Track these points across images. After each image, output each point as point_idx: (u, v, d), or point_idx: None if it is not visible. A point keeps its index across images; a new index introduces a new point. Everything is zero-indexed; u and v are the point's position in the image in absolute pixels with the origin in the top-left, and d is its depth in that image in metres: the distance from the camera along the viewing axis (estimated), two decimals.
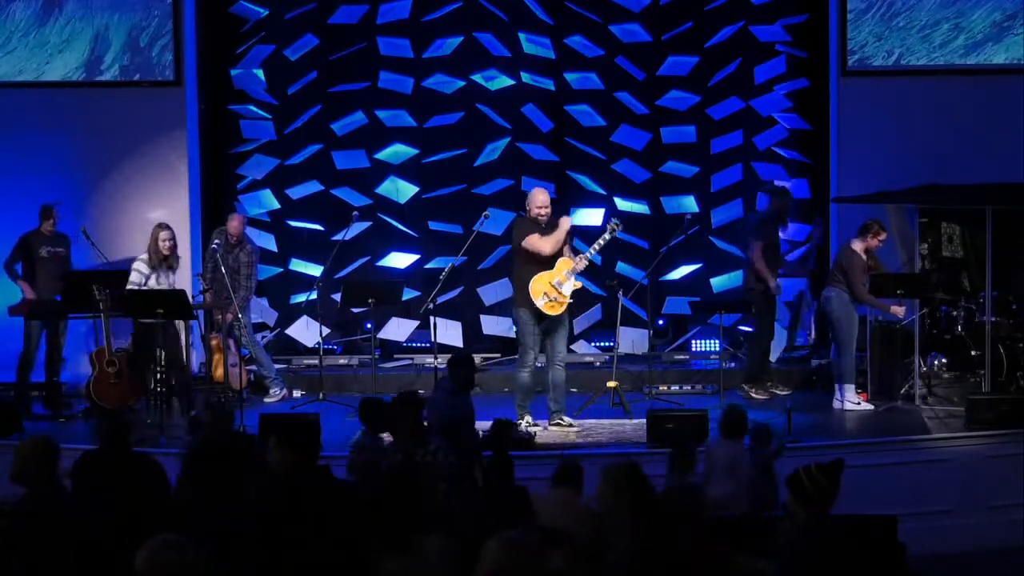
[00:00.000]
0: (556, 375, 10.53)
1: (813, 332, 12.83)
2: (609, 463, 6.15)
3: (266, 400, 11.92)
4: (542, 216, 10.44)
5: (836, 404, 11.31)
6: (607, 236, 10.70)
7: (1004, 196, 11.70)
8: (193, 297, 12.60)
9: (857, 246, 11.39)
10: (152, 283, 11.04)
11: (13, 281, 11.82)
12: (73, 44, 12.97)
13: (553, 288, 10.41)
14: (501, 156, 13.44)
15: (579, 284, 10.69)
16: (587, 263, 10.62)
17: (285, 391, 12.08)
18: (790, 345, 12.81)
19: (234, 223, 11.92)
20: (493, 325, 13.44)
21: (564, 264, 10.47)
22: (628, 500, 5.87)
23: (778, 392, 11.96)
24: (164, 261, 11.07)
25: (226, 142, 13.51)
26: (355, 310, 12.84)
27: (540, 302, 10.38)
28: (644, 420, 10.03)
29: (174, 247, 11.17)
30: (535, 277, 10.40)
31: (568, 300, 10.47)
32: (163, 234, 11.09)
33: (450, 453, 7.59)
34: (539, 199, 10.48)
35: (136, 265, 11.10)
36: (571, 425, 10.50)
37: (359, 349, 13.33)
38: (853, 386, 11.34)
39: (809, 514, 5.87)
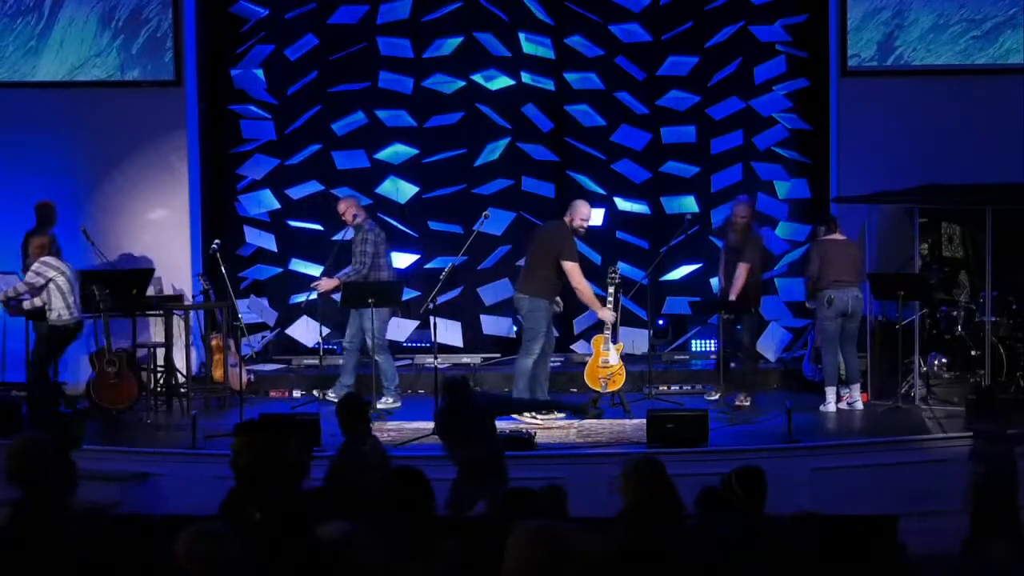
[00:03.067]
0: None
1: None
2: (631, 457, 6.17)
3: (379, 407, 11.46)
4: (583, 229, 11.09)
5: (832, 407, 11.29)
6: (611, 290, 11.29)
7: (1004, 196, 11.70)
8: (193, 297, 12.64)
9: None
10: None
11: None
12: (73, 44, 12.97)
13: (603, 368, 11.22)
14: (501, 156, 13.44)
15: (621, 346, 11.37)
16: (612, 323, 11.26)
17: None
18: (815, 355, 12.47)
19: (340, 207, 11.91)
20: (493, 325, 13.44)
21: (598, 342, 11.27)
22: (648, 488, 5.89)
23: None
24: None
25: (226, 142, 13.52)
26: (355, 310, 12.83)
27: (603, 386, 11.19)
28: (644, 420, 10.04)
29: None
30: (587, 371, 11.31)
31: (620, 365, 11.24)
32: None
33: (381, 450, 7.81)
34: (585, 212, 11.05)
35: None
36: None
37: (359, 350, 13.30)
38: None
39: (744, 517, 5.92)
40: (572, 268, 10.91)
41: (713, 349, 13.30)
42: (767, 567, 5.82)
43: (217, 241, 11.85)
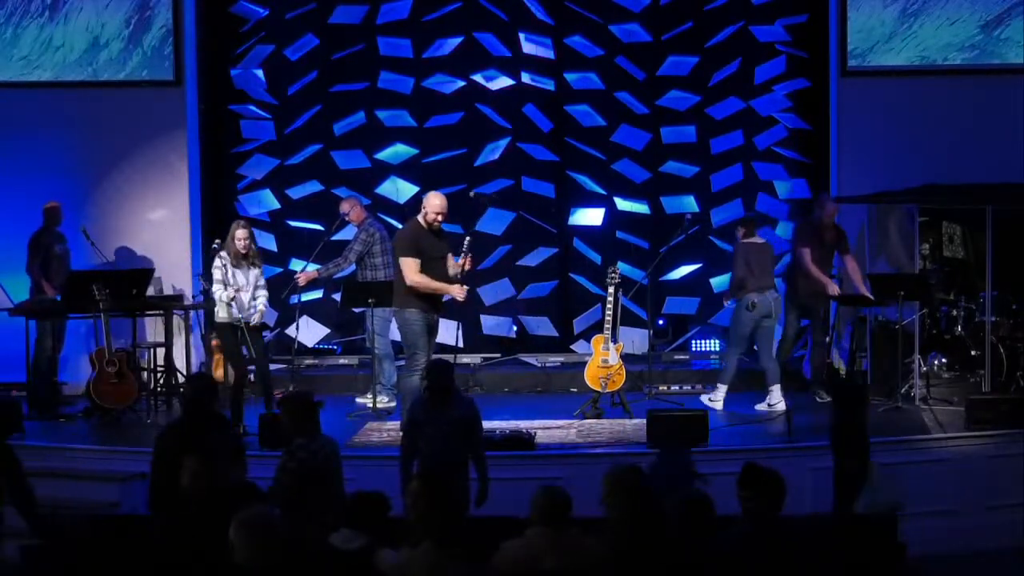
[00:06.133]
0: None
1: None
2: (612, 465, 6.18)
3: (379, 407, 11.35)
4: (437, 222, 10.22)
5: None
6: (611, 290, 11.20)
7: (1004, 196, 11.70)
8: (193, 297, 12.65)
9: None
10: (233, 279, 10.54)
11: (38, 282, 11.79)
12: (73, 44, 12.97)
13: (603, 368, 11.08)
14: (501, 156, 13.44)
15: (620, 346, 11.21)
16: (610, 326, 11.14)
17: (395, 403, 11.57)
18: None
19: (343, 207, 11.96)
20: (493, 325, 13.45)
21: (598, 342, 11.16)
22: (625, 503, 5.90)
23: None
24: (244, 259, 10.58)
25: (226, 142, 13.51)
26: (355, 310, 12.84)
27: (603, 386, 11.03)
28: (644, 420, 10.04)
29: (249, 245, 10.61)
30: (587, 371, 11.16)
31: (620, 364, 11.10)
32: (239, 232, 10.60)
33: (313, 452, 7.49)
34: (435, 203, 10.21)
35: (215, 263, 10.64)
36: None
37: (359, 349, 13.33)
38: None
39: (754, 520, 5.93)
40: (403, 264, 10.11)
41: (718, 349, 13.31)
42: (771, 567, 5.82)
43: (218, 241, 11.84)
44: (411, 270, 10.03)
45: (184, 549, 6.31)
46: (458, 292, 10.19)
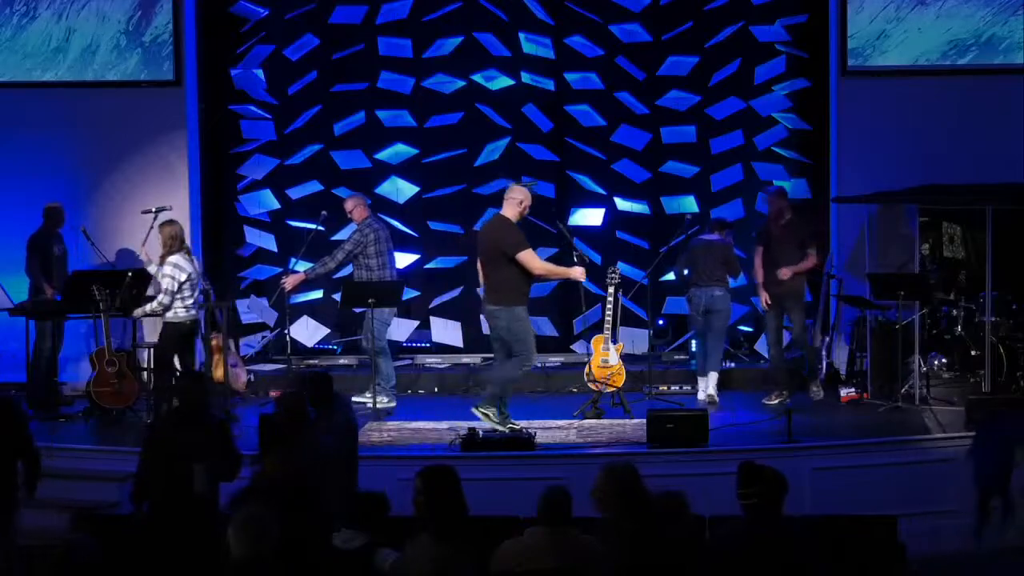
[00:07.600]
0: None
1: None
2: (608, 461, 6.19)
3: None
4: (527, 211, 10.47)
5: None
6: (611, 290, 11.26)
7: (1004, 196, 11.70)
8: None
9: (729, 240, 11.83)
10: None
11: (37, 283, 11.78)
12: (73, 44, 12.97)
13: (604, 369, 11.14)
14: (501, 156, 13.44)
15: (621, 346, 11.33)
16: (610, 326, 11.24)
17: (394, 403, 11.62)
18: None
19: (347, 204, 11.94)
20: None
21: (598, 342, 11.20)
22: (622, 499, 5.91)
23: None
24: None
25: (226, 142, 13.52)
26: (355, 310, 12.83)
27: (603, 386, 11.09)
28: (644, 420, 10.04)
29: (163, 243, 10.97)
30: (587, 371, 11.24)
31: (620, 364, 11.20)
32: None
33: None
34: (523, 193, 10.34)
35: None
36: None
37: (359, 349, 13.32)
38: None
39: (755, 519, 5.95)
40: (525, 257, 10.15)
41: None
42: (772, 566, 5.82)
43: (168, 206, 11.84)
44: (536, 260, 10.32)
45: (175, 544, 6.32)
46: (580, 273, 10.54)
